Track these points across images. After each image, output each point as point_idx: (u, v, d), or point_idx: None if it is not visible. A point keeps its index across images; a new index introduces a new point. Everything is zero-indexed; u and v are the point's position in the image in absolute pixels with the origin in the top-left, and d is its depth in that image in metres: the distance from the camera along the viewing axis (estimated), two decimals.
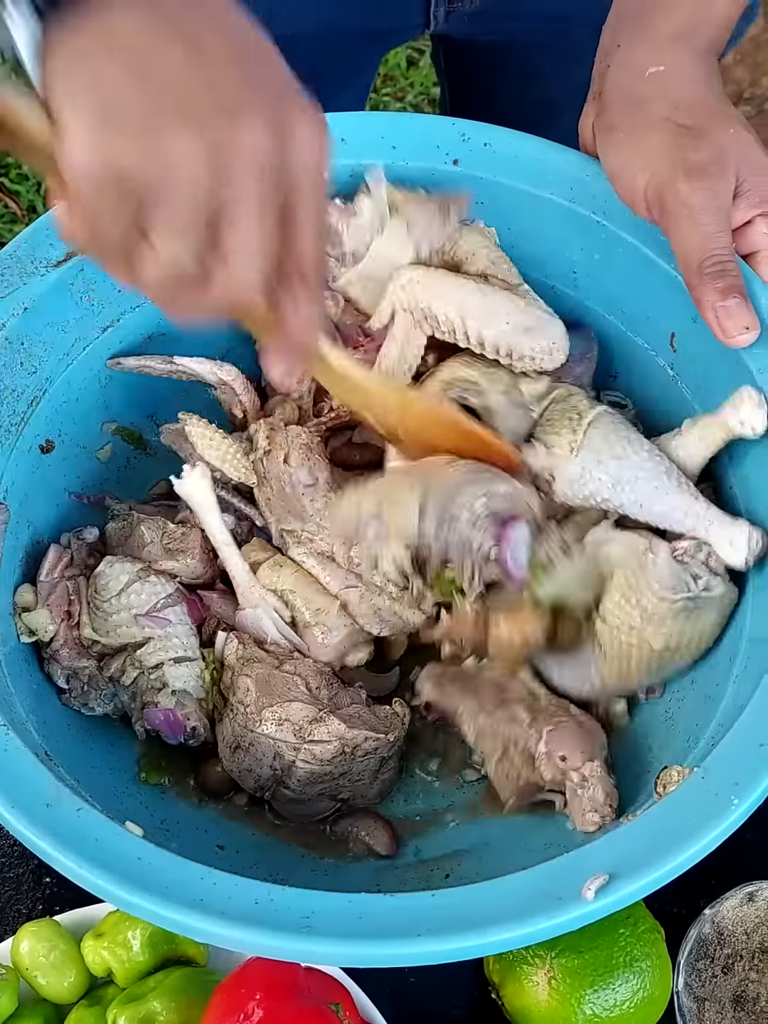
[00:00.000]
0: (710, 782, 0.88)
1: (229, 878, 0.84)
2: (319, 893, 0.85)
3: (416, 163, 1.12)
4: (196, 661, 1.05)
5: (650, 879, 0.84)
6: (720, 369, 1.05)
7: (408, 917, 0.83)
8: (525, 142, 1.12)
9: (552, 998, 0.97)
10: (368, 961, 0.82)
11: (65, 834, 0.85)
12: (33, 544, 1.08)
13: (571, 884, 0.83)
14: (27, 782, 0.88)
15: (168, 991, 0.97)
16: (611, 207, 1.09)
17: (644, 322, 1.12)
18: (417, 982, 1.05)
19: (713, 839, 0.85)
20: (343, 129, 1.12)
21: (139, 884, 0.83)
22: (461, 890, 0.85)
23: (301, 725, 1.00)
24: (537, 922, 0.82)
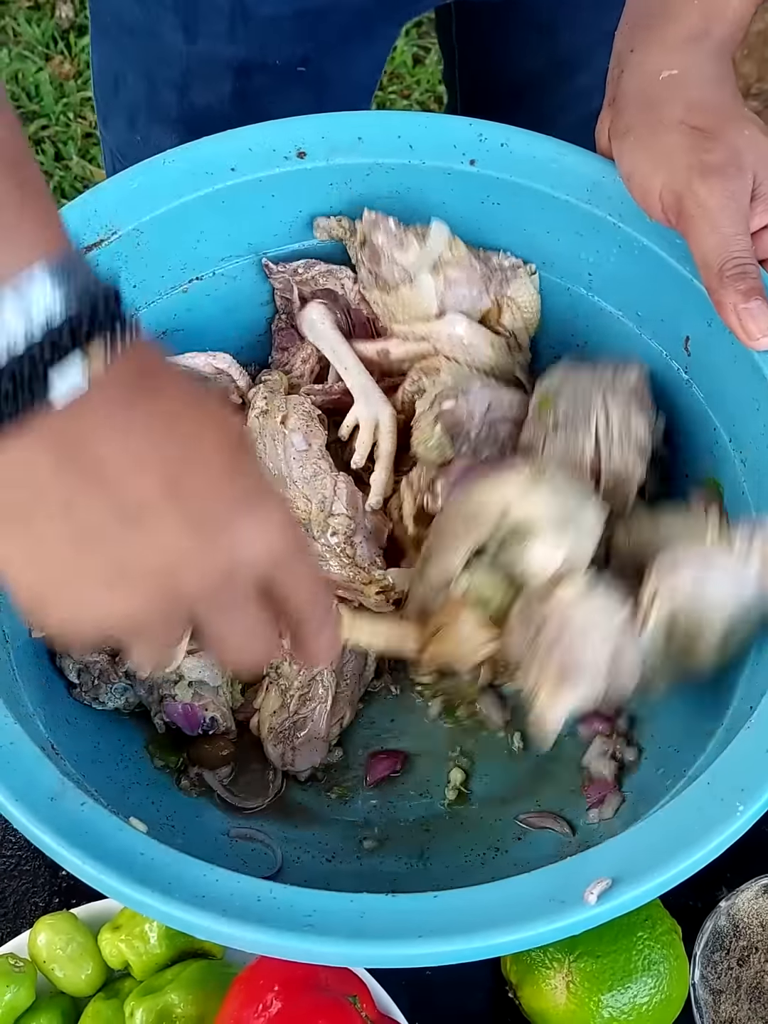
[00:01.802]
0: (716, 787, 0.87)
1: (231, 875, 0.84)
2: (322, 892, 0.85)
3: (433, 162, 1.12)
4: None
5: (653, 884, 0.83)
6: (734, 374, 1.04)
7: (411, 918, 0.83)
8: (543, 143, 1.12)
9: (570, 1001, 0.97)
10: (370, 961, 0.82)
11: (68, 828, 0.85)
12: None
13: (574, 888, 0.83)
14: (32, 775, 0.87)
15: (185, 983, 0.97)
16: (627, 209, 1.08)
17: (659, 325, 1.11)
18: (433, 976, 1.04)
19: (718, 845, 0.85)
20: (360, 128, 1.12)
21: (141, 880, 0.83)
22: (464, 891, 0.85)
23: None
24: (539, 926, 0.82)
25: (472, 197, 1.13)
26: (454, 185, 1.12)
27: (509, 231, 1.14)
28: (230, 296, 1.17)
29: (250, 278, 1.17)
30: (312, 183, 1.12)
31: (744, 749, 0.89)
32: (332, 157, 1.12)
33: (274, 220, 1.14)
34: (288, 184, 1.12)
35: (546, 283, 1.16)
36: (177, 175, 1.10)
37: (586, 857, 0.86)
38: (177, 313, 1.15)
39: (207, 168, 1.10)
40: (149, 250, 1.10)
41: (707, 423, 1.09)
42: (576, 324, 1.17)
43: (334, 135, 1.12)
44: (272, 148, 1.11)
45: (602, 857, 0.86)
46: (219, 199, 1.10)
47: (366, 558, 1.06)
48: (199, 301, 1.16)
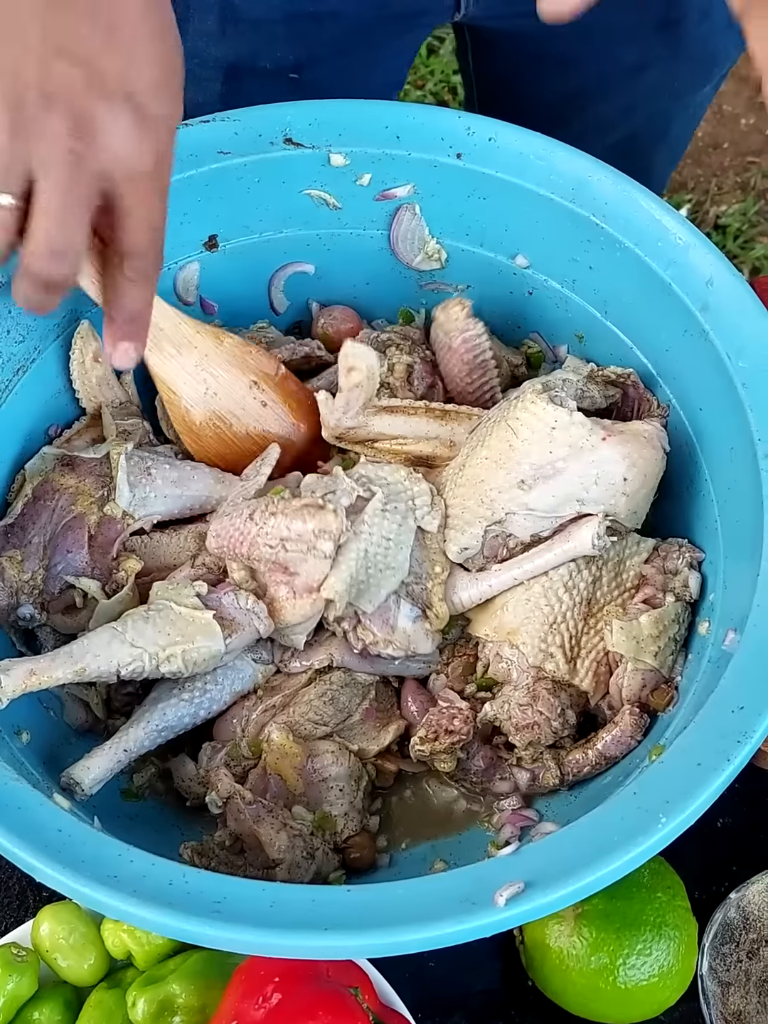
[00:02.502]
0: (641, 798, 0.86)
1: (146, 857, 0.84)
2: (235, 879, 0.85)
3: (419, 155, 1.11)
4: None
5: (566, 891, 0.82)
6: (707, 379, 1.03)
7: (320, 909, 0.83)
8: (530, 139, 1.10)
9: (576, 936, 0.98)
10: (273, 950, 0.82)
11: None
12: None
13: (485, 890, 0.82)
14: None
15: (187, 974, 0.98)
16: (611, 210, 1.07)
17: (638, 328, 1.10)
18: (436, 966, 1.05)
19: (637, 856, 0.83)
20: (346, 117, 1.12)
21: (54, 856, 0.83)
22: (377, 887, 0.85)
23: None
24: (446, 925, 0.81)
25: (458, 191, 1.12)
26: (440, 178, 1.11)
27: (494, 226, 1.13)
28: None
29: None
30: (297, 169, 1.12)
31: (675, 761, 0.88)
32: (318, 144, 1.11)
33: (259, 204, 1.14)
34: (273, 169, 1.12)
35: (530, 282, 1.15)
36: None
37: (502, 860, 0.85)
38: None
39: (192, 150, 1.10)
40: None
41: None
42: (568, 319, 1.16)
43: (322, 122, 1.11)
44: (259, 133, 1.11)
45: (518, 861, 0.85)
46: (203, 182, 1.10)
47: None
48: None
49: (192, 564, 1.08)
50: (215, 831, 1.03)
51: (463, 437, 1.11)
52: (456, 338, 1.12)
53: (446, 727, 1.02)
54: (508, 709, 1.03)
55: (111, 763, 0.98)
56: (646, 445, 1.03)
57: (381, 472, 1.07)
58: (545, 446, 1.02)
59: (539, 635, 1.03)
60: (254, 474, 1.08)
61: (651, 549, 1.06)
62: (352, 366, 1.09)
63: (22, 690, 0.96)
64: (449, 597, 1.06)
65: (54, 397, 1.13)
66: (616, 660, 1.03)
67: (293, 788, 1.02)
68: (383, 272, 1.19)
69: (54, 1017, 1.00)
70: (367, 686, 1.07)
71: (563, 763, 1.03)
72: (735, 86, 2.74)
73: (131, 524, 1.07)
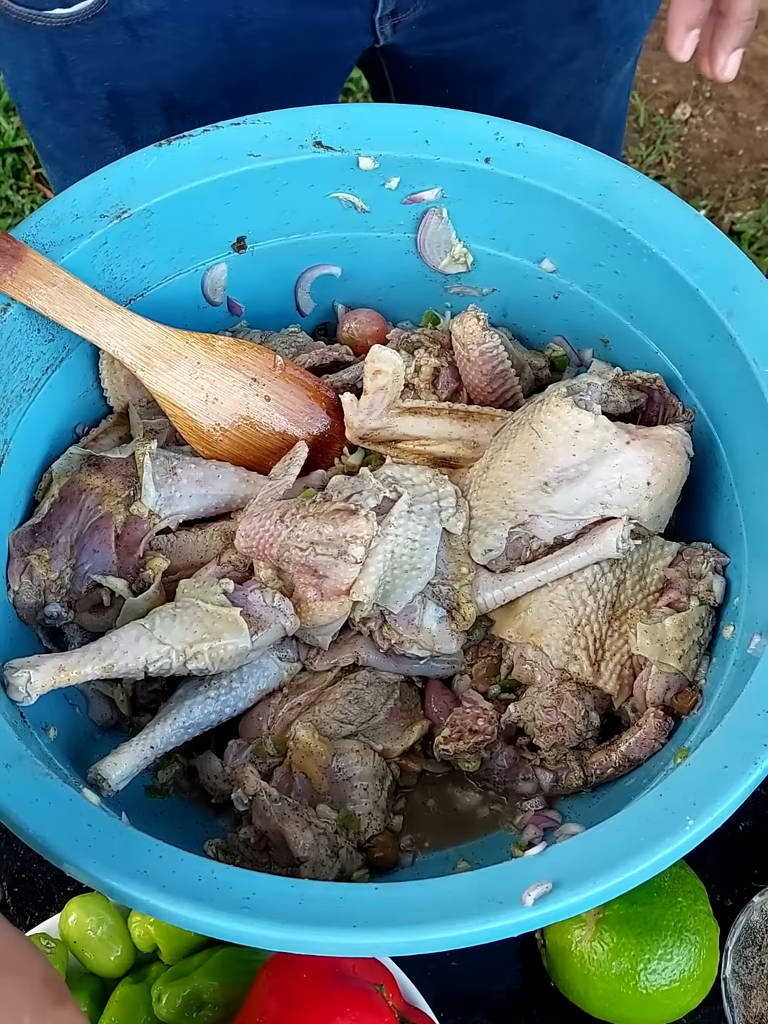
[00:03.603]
0: (667, 800, 0.87)
1: (175, 852, 0.85)
2: (263, 875, 0.85)
3: (447, 159, 1.11)
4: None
5: (594, 892, 0.83)
6: (732, 384, 1.04)
7: (349, 907, 0.83)
8: (557, 144, 1.11)
9: (596, 940, 0.98)
10: (302, 947, 0.82)
11: (21, 795, 0.86)
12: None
13: (513, 890, 0.83)
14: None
15: (213, 969, 0.99)
16: (638, 215, 1.08)
17: (663, 332, 1.11)
18: (459, 966, 1.06)
19: (664, 858, 0.84)
20: (376, 121, 1.12)
21: (84, 850, 0.84)
22: (404, 885, 0.85)
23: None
24: (474, 924, 0.82)
25: (485, 195, 1.12)
26: (467, 182, 1.12)
27: (520, 230, 1.14)
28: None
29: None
30: (326, 172, 1.13)
31: (701, 764, 0.88)
32: (348, 147, 1.12)
33: (287, 207, 1.14)
34: (302, 172, 1.12)
35: (555, 287, 1.15)
36: (191, 158, 1.11)
37: (530, 860, 0.86)
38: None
39: (221, 153, 1.11)
40: (159, 231, 1.11)
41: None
42: (593, 323, 1.17)
43: (352, 126, 1.12)
44: (288, 136, 1.12)
45: (546, 861, 0.85)
46: (232, 184, 1.11)
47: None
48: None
49: (218, 562, 1.08)
50: (239, 828, 1.03)
51: (486, 439, 1.12)
52: (474, 351, 1.12)
53: (470, 727, 1.03)
54: (532, 710, 1.03)
55: (138, 759, 0.99)
56: (670, 450, 1.04)
57: (407, 473, 1.08)
58: (569, 449, 1.03)
59: (563, 637, 1.04)
60: (282, 474, 1.09)
61: (675, 553, 1.07)
62: (378, 369, 1.10)
63: (51, 686, 0.96)
64: (473, 598, 1.07)
65: (82, 396, 1.13)
66: (640, 663, 1.04)
67: (318, 787, 1.02)
68: (409, 275, 1.20)
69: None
70: (392, 685, 1.08)
71: (586, 765, 1.03)
72: (749, 92, 2.75)
73: (157, 523, 1.08)
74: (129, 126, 1.34)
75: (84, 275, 1.07)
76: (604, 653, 1.05)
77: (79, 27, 1.25)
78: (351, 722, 1.05)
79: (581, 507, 1.04)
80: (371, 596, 1.02)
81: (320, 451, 1.15)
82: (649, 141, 2.69)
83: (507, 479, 1.06)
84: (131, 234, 1.10)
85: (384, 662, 1.07)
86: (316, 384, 1.15)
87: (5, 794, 0.86)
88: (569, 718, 1.03)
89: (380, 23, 1.31)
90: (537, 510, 1.05)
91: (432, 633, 1.05)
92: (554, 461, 1.04)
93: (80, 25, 1.24)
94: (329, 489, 1.07)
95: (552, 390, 1.06)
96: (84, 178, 1.10)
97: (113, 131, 1.35)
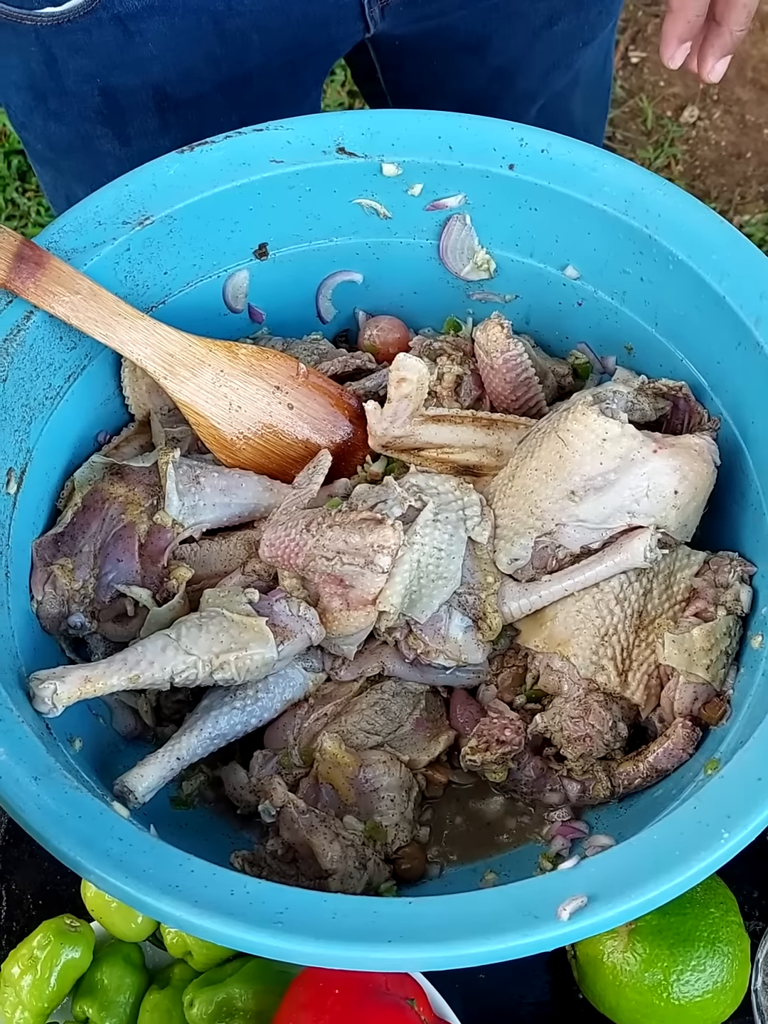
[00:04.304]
0: (701, 812, 0.86)
1: (207, 866, 0.84)
2: (296, 889, 0.84)
3: (471, 165, 1.11)
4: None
5: (630, 906, 0.82)
6: (760, 392, 1.03)
7: (383, 921, 0.83)
8: (582, 150, 1.10)
9: (628, 951, 0.98)
10: (336, 962, 0.81)
11: (52, 809, 0.85)
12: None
13: (548, 904, 0.82)
14: (22, 754, 0.88)
15: (245, 977, 0.98)
16: (664, 222, 1.07)
17: (689, 340, 1.10)
18: (487, 979, 1.05)
19: (700, 871, 0.83)
20: (400, 127, 1.12)
21: (116, 865, 0.83)
22: (438, 900, 0.84)
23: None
24: (509, 939, 0.81)
25: (509, 201, 1.12)
26: (492, 188, 1.11)
27: (544, 237, 1.13)
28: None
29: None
30: (349, 178, 1.12)
31: (735, 776, 0.88)
32: (371, 153, 1.11)
33: (310, 213, 1.14)
34: (325, 178, 1.12)
35: (579, 295, 1.15)
36: (214, 164, 1.10)
37: (565, 874, 0.85)
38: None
39: (244, 159, 1.10)
40: (182, 238, 1.10)
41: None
42: (618, 330, 1.16)
43: (375, 132, 1.11)
44: (312, 142, 1.11)
45: (580, 875, 0.85)
46: (255, 190, 1.10)
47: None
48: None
49: (242, 571, 1.08)
50: (265, 840, 1.03)
51: (510, 446, 1.11)
52: (497, 359, 1.12)
53: (498, 737, 1.02)
54: (560, 721, 1.03)
55: (164, 771, 0.98)
56: (697, 458, 1.03)
57: (432, 482, 1.07)
58: (596, 458, 1.02)
59: (590, 647, 1.03)
60: (306, 482, 1.08)
61: (701, 562, 1.06)
62: (403, 377, 1.09)
63: (77, 697, 0.95)
64: (499, 607, 1.06)
65: (103, 404, 1.13)
66: (668, 673, 1.03)
67: (344, 798, 1.02)
68: (431, 281, 1.19)
69: (115, 974, 1.01)
70: (417, 695, 1.07)
71: (614, 775, 1.03)
72: (757, 95, 2.74)
73: (181, 533, 1.07)
74: (122, 122, 1.34)
75: (106, 282, 1.06)
76: (631, 663, 1.04)
77: (69, 25, 1.24)
78: (378, 732, 1.04)
79: (608, 516, 1.04)
80: (397, 606, 1.02)
81: (342, 459, 1.15)
82: (657, 144, 2.68)
83: (533, 487, 1.05)
84: (154, 240, 1.09)
85: (410, 672, 1.06)
86: (339, 392, 1.15)
87: (35, 808, 0.85)
88: (597, 729, 1.02)
89: (369, 6, 1.31)
90: (564, 519, 1.05)
91: (458, 643, 1.04)
92: (581, 470, 1.03)
93: (70, 23, 1.24)
94: (354, 498, 1.06)
95: (578, 398, 1.05)
96: (106, 184, 1.09)
97: (105, 128, 1.35)
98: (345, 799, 1.02)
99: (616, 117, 2.70)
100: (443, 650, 1.04)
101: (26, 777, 0.86)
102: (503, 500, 1.07)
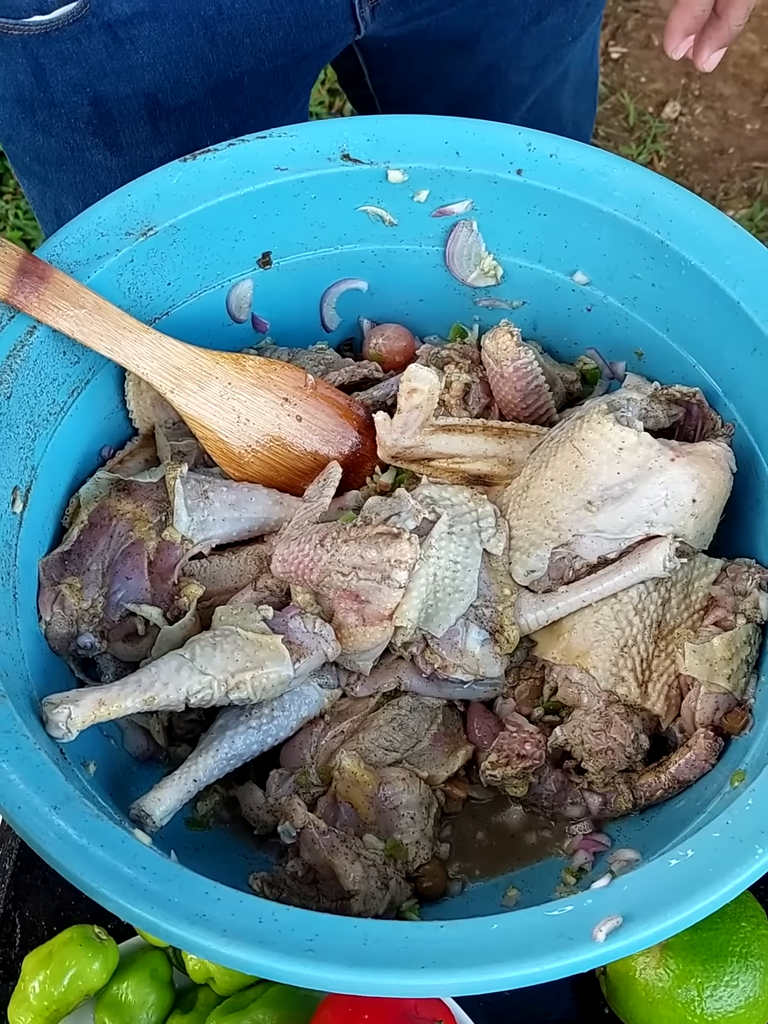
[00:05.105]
0: (735, 828, 0.85)
1: (233, 893, 0.82)
2: (325, 916, 0.83)
3: (479, 170, 1.09)
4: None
5: (665, 925, 0.81)
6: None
7: (415, 947, 0.81)
8: (591, 155, 1.09)
9: (661, 967, 0.97)
10: (370, 990, 0.80)
11: (72, 839, 0.83)
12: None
13: (583, 925, 0.81)
14: (41, 782, 0.86)
15: (269, 1003, 0.97)
16: (676, 227, 1.06)
17: (701, 345, 1.09)
18: (512, 996, 1.02)
19: (734, 888, 0.82)
20: (405, 133, 1.10)
21: (141, 895, 0.81)
22: (471, 922, 0.83)
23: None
24: (544, 962, 0.80)
25: (517, 207, 1.10)
26: (499, 194, 1.10)
27: (553, 242, 1.12)
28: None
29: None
30: (354, 185, 1.10)
31: (765, 792, 0.86)
32: (376, 160, 1.09)
33: (315, 221, 1.12)
34: (330, 185, 1.10)
35: (590, 300, 1.13)
36: (218, 173, 1.08)
37: (597, 893, 0.84)
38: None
39: (248, 167, 1.08)
40: (185, 248, 1.08)
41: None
42: (628, 336, 1.15)
43: (380, 138, 1.10)
44: (316, 149, 1.09)
45: (613, 894, 0.83)
46: (259, 199, 1.09)
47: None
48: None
49: (254, 587, 1.06)
50: (283, 860, 1.01)
51: (521, 456, 1.10)
52: (507, 367, 1.10)
53: (518, 751, 1.01)
54: (581, 734, 1.01)
55: (181, 793, 0.97)
56: (714, 466, 1.02)
57: (445, 493, 1.06)
58: (613, 467, 1.01)
59: (610, 659, 1.02)
60: (317, 495, 1.06)
61: (719, 570, 1.05)
62: (415, 388, 1.08)
63: (92, 721, 0.94)
64: (516, 619, 1.05)
65: (107, 418, 1.11)
66: (688, 683, 1.02)
67: (364, 816, 1.00)
68: (437, 288, 1.18)
69: (140, 990, 0.99)
70: (435, 710, 1.06)
71: (635, 787, 1.02)
72: (739, 90, 2.74)
73: (190, 549, 1.06)
74: (113, 132, 1.31)
75: (110, 294, 1.04)
76: (651, 674, 1.03)
77: (58, 33, 1.21)
78: (396, 749, 1.03)
79: (627, 526, 1.02)
80: (414, 620, 1.00)
81: (351, 471, 1.13)
82: (640, 140, 2.67)
83: (549, 498, 1.04)
84: (157, 251, 1.07)
85: (427, 687, 1.05)
86: (347, 402, 1.13)
87: (55, 838, 0.83)
88: (619, 742, 1.01)
89: (360, 6, 1.29)
90: (581, 529, 1.03)
91: (476, 656, 1.03)
92: (597, 479, 1.01)
93: (59, 31, 1.21)
94: (366, 511, 1.04)
95: (592, 407, 1.04)
96: (101, 195, 1.07)
97: (96, 138, 1.32)
98: (365, 817, 1.00)
99: (598, 113, 2.68)
100: (461, 664, 1.02)
101: (45, 807, 0.84)
102: (518, 511, 1.06)
